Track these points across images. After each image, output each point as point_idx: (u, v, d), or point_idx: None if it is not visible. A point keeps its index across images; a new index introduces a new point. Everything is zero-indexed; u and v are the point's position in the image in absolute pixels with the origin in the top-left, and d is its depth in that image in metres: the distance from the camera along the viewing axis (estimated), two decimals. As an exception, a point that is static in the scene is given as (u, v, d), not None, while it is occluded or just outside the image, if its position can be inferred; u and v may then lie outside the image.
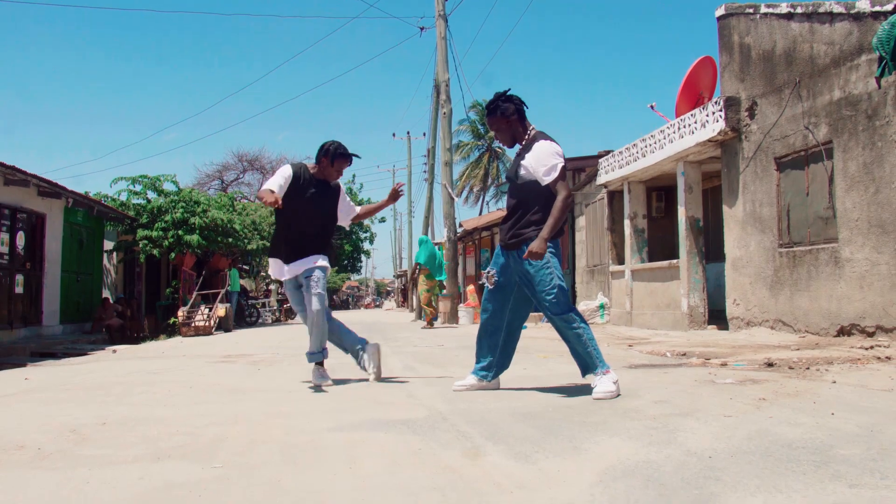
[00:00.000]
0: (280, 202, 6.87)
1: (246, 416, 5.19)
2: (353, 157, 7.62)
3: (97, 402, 6.19)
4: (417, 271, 22.52)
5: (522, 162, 6.20)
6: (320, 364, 7.33)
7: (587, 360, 6.07)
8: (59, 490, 3.31)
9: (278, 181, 7.23)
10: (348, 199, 7.88)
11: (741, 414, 4.87)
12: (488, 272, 6.50)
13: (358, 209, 7.99)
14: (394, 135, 66.87)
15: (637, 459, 3.64)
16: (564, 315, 6.06)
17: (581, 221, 22.03)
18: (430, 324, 21.66)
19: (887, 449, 3.74)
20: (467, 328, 20.64)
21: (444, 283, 23.64)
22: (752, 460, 3.55)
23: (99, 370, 9.70)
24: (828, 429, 4.29)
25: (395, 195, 7.84)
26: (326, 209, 7.61)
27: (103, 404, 6.06)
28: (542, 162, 6.10)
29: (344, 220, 7.89)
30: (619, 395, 5.85)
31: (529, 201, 6.18)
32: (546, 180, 6.08)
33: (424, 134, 55.34)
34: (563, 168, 6.15)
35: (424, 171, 44.99)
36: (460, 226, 32.14)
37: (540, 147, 6.17)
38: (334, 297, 75.27)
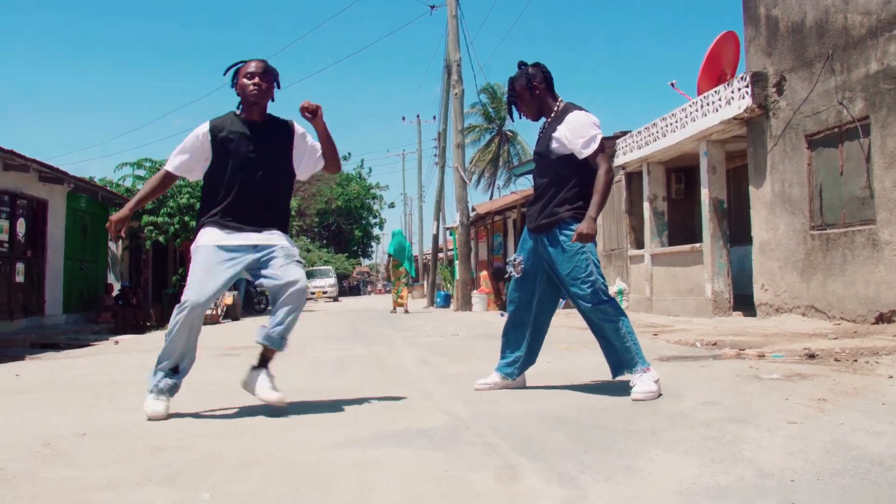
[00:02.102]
0: (116, 232, 5.64)
1: (244, 426, 4.63)
2: (271, 71, 5.53)
3: (82, 407, 5.66)
4: (390, 261, 23.69)
5: (555, 135, 5.62)
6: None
7: (625, 357, 5.49)
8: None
9: (180, 150, 5.52)
10: (309, 139, 5.69)
11: (805, 420, 4.29)
12: (514, 259, 5.93)
13: (319, 147, 5.68)
14: (403, 118, 66.93)
15: (705, 484, 3.06)
16: (601, 306, 5.49)
17: (597, 204, 21.53)
18: (396, 310, 22.96)
19: None
20: (481, 315, 20.34)
21: (412, 275, 25.70)
22: (845, 486, 2.97)
23: (95, 365, 9.26)
24: (916, 440, 3.72)
25: (305, 112, 5.50)
26: (269, 159, 5.48)
27: (89, 409, 5.53)
28: (579, 133, 5.51)
29: (307, 168, 5.73)
30: (660, 394, 5.28)
31: (563, 178, 5.60)
32: (585, 153, 5.50)
33: (435, 117, 54.73)
34: (603, 140, 5.58)
35: (435, 155, 44.61)
36: (473, 210, 31.64)
37: (575, 117, 5.58)
38: (344, 282, 74.81)
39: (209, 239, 5.25)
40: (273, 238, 5.36)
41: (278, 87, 5.64)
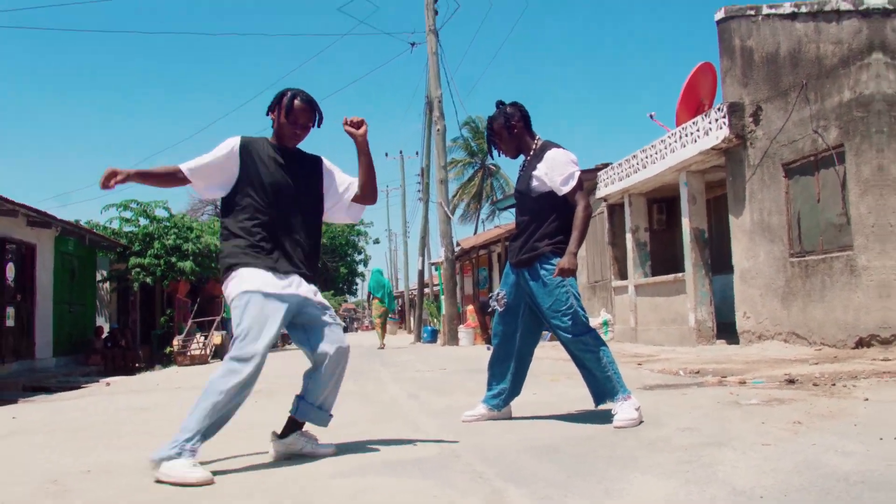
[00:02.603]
0: (111, 182, 4.69)
1: (240, 460, 4.78)
2: (319, 113, 5.14)
3: (82, 447, 5.83)
4: (370, 298, 24.97)
5: (534, 173, 5.84)
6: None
7: (605, 386, 5.69)
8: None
9: (204, 158, 4.99)
10: (342, 175, 5.38)
11: (780, 442, 4.50)
12: (498, 294, 6.13)
13: (356, 183, 5.32)
14: (386, 154, 66.48)
15: (678, 503, 3.24)
16: (582, 337, 5.69)
17: (581, 236, 21.77)
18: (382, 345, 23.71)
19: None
20: (468, 350, 20.48)
21: (391, 310, 27.11)
22: (810, 501, 3.16)
23: (88, 407, 9.41)
24: (881, 458, 3.92)
25: (353, 131, 5.20)
26: (305, 190, 5.13)
27: (88, 449, 5.70)
28: (558, 171, 5.75)
29: (341, 211, 5.37)
30: (641, 422, 5.47)
31: (543, 214, 5.82)
32: (563, 190, 5.73)
33: (417, 153, 54.88)
34: (581, 176, 5.85)
35: (419, 191, 44.85)
36: (458, 245, 31.86)
37: (553, 155, 5.82)
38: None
39: (258, 283, 4.70)
40: (308, 287, 4.91)
41: (317, 126, 5.22)
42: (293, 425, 4.91)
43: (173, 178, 4.95)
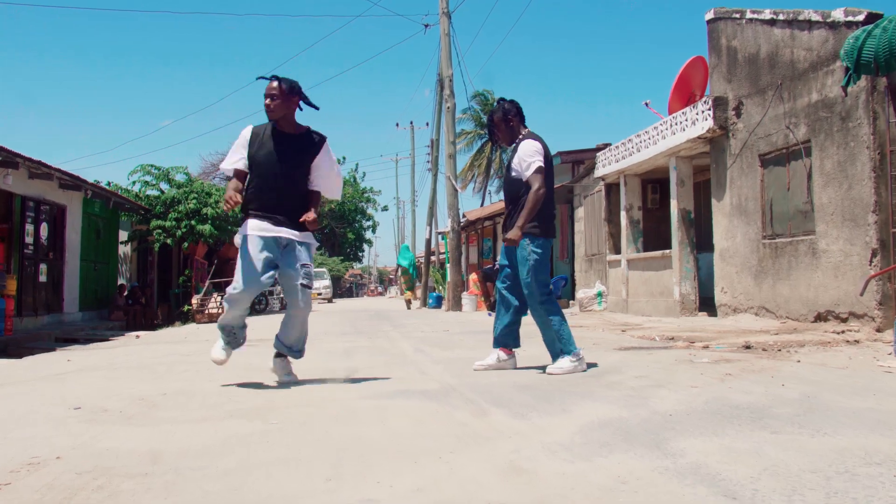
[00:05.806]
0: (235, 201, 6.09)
1: (285, 389, 6.05)
2: (274, 87, 6.18)
3: (150, 379, 7.05)
4: (399, 271, 32.09)
5: (512, 164, 7.07)
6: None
7: (555, 346, 6.92)
8: (153, 439, 4.15)
9: (234, 154, 6.39)
10: (332, 162, 6.61)
11: (706, 386, 5.74)
12: (500, 263, 7.35)
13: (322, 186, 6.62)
14: (397, 125, 67.67)
15: (612, 417, 4.50)
16: (543, 305, 6.90)
17: (580, 212, 22.88)
18: (409, 306, 30.23)
19: (813, 409, 4.61)
20: (470, 315, 21.61)
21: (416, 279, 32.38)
22: (702, 417, 4.42)
23: (134, 353, 10.50)
24: (773, 396, 5.16)
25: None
26: (291, 166, 6.29)
27: (156, 380, 6.92)
28: (524, 159, 6.91)
29: (327, 187, 6.66)
30: (582, 371, 6.74)
31: (521, 196, 6.95)
32: (526, 175, 6.86)
33: (427, 124, 56.03)
34: (541, 164, 6.87)
35: (428, 161, 45.81)
36: (464, 216, 32.97)
37: (523, 146, 7.00)
38: (337, 283, 76.05)
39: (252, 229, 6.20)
40: (291, 237, 6.34)
41: (298, 99, 6.33)
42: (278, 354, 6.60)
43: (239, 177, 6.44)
